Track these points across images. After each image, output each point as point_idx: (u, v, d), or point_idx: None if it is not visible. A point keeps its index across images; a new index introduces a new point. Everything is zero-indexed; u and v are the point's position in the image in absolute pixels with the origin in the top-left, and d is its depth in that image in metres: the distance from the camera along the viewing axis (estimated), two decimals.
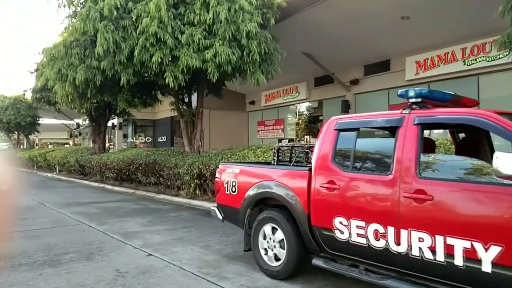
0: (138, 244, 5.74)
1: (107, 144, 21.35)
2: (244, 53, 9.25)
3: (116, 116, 20.57)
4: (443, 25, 10.22)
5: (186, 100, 12.41)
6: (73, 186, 16.05)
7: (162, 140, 26.88)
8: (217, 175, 5.16)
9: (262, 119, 20.33)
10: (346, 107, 14.64)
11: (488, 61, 10.09)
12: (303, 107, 17.67)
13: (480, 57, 10.27)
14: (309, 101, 16.95)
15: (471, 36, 10.41)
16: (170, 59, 8.84)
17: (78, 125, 33.96)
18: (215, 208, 5.18)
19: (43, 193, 12.99)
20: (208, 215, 8.44)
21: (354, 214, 3.47)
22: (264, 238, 4.37)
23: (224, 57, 8.74)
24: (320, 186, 3.75)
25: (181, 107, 12.17)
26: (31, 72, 21.96)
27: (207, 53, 8.80)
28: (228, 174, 4.96)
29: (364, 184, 3.50)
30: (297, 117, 18.03)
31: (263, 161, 8.03)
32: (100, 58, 8.97)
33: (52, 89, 12.67)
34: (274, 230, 4.27)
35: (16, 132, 34.38)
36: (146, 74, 10.03)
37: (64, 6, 9.52)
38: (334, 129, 3.90)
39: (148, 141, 28.65)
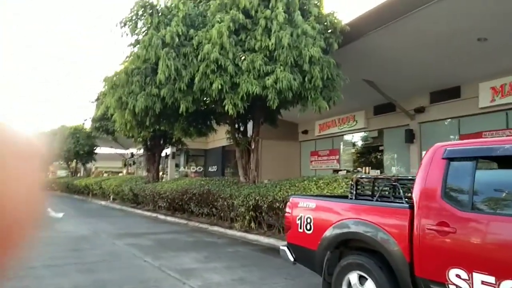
0: (197, 285, 5.20)
1: (160, 173, 21.50)
2: (306, 79, 8.80)
3: (170, 146, 20.75)
4: None
5: (242, 129, 12.07)
6: (127, 215, 16.07)
7: (213, 170, 26.82)
8: (287, 209, 4.58)
9: (316, 149, 19.62)
10: (410, 137, 13.65)
11: None
12: (360, 137, 16.80)
13: None
14: (368, 131, 16.09)
15: None
16: (230, 86, 8.55)
17: (132, 154, 34.96)
18: (285, 248, 4.56)
19: (98, 222, 12.99)
20: (266, 252, 7.85)
21: (479, 266, 2.73)
22: None
23: (285, 83, 8.32)
24: (428, 229, 3.04)
25: (236, 136, 11.83)
26: (92, 102, 22.92)
27: (268, 79, 8.43)
28: (302, 209, 4.35)
29: (492, 226, 2.76)
30: (354, 147, 17.15)
31: (328, 193, 7.34)
32: (161, 85, 8.87)
33: (111, 117, 12.88)
34: (362, 279, 3.57)
35: (74, 160, 35.90)
36: (204, 102, 9.83)
37: (127, 34, 9.65)
38: (443, 158, 3.21)
39: (199, 170, 28.73)
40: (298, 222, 4.35)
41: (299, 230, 4.32)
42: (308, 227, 4.19)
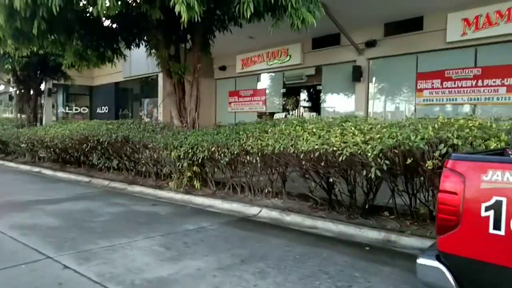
0: None
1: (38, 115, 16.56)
2: None
3: (48, 80, 15.97)
4: None
5: (173, 53, 8.85)
6: None
7: (102, 112, 22.38)
8: (447, 184, 2.17)
9: (236, 88, 17.06)
10: (358, 74, 12.05)
11: None
12: (293, 75, 14.70)
13: None
14: (304, 67, 14.06)
15: None
16: None
17: None
18: (441, 267, 2.19)
19: None
20: (248, 224, 5.39)
21: None
22: None
23: None
24: None
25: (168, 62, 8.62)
26: None
27: None
28: (494, 188, 1.99)
29: None
30: (285, 86, 15.05)
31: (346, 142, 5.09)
32: None
33: None
34: None
35: None
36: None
37: None
38: None
39: (83, 112, 23.86)
40: (488, 214, 1.99)
41: (492, 231, 1.98)
42: None
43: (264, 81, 16.02)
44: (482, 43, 9.55)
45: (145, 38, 9.38)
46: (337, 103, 13.26)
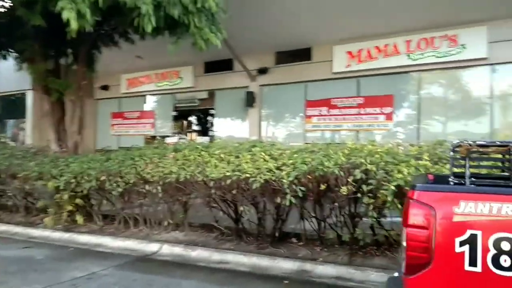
0: None
1: None
2: None
3: None
4: (384, 13, 8.90)
5: (51, 68, 7.64)
6: None
7: None
8: (415, 219, 1.97)
9: (120, 109, 15.80)
10: (251, 100, 12.15)
11: (438, 56, 9.30)
12: (184, 98, 14.15)
13: (429, 52, 9.40)
14: (196, 91, 13.66)
15: (416, 28, 9.46)
16: None
17: None
18: None
19: None
20: (149, 265, 4.61)
21: None
22: None
23: None
24: None
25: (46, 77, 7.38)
26: None
27: None
28: (472, 221, 1.87)
29: None
30: (175, 109, 14.37)
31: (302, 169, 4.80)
32: None
33: None
34: None
35: None
36: None
37: None
38: None
39: None
40: (462, 249, 1.84)
41: (468, 268, 1.83)
42: (507, 262, 1.77)
43: (153, 103, 15.15)
44: (364, 75, 10.46)
45: (15, 48, 7.95)
46: (230, 127, 13.14)
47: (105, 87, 15.99)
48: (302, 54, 11.45)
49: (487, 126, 9.16)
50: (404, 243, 1.96)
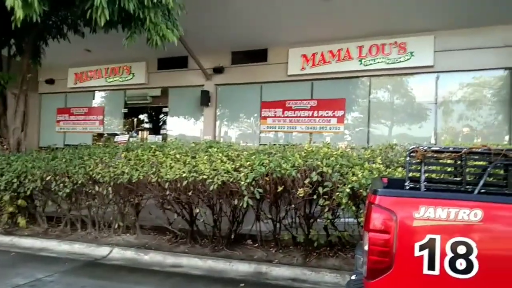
0: None
1: None
2: None
3: None
4: (338, 18, 9.15)
5: None
6: None
7: None
8: (378, 223, 2.01)
9: (67, 105, 14.98)
10: (206, 99, 11.99)
11: (388, 63, 9.70)
12: (136, 94, 13.68)
13: (380, 58, 9.78)
14: (148, 88, 13.26)
15: (368, 35, 9.81)
16: None
17: None
18: None
19: None
20: (99, 269, 4.36)
21: None
22: None
23: None
24: None
25: None
26: None
27: None
28: (431, 226, 1.94)
29: None
30: (126, 107, 13.85)
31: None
32: None
33: None
34: None
35: None
36: None
37: None
38: None
39: None
40: (421, 253, 1.90)
41: (426, 271, 1.90)
42: (463, 265, 1.85)
43: (102, 99, 14.53)
44: (317, 78, 10.67)
45: None
46: (184, 126, 12.90)
47: (50, 81, 15.10)
48: (259, 55, 11.47)
49: (431, 131, 9.70)
50: (366, 247, 2.01)
